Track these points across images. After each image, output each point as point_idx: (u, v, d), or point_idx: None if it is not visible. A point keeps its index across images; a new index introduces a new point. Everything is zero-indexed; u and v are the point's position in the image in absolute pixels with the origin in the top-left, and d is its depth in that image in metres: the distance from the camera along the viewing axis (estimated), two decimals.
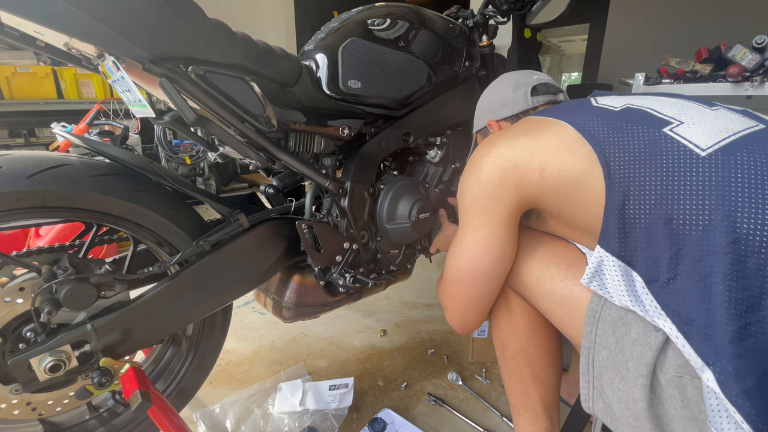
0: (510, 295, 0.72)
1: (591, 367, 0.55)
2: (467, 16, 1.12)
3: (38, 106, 2.96)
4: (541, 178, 0.56)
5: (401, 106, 0.96)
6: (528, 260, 0.66)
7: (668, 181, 0.45)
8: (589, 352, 0.54)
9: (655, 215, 0.45)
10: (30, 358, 0.64)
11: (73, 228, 1.50)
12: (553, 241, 0.66)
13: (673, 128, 0.49)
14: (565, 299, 0.59)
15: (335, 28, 0.88)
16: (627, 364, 0.50)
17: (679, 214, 0.44)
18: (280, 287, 0.96)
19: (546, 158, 0.56)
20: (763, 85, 1.54)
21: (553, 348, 0.73)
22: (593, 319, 0.55)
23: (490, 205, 0.62)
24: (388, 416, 1.01)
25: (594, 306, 0.55)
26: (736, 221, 0.40)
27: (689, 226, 0.43)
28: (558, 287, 0.61)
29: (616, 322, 0.52)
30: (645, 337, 0.49)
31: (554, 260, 0.63)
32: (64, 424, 0.78)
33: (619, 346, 0.51)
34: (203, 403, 1.07)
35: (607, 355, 0.53)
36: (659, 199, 0.45)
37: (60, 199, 0.63)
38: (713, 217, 0.41)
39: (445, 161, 1.10)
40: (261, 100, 0.70)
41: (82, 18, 0.53)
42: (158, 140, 2.79)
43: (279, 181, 1.01)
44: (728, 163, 0.43)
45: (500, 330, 0.75)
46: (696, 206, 0.43)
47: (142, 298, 0.72)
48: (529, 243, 0.67)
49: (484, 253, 0.64)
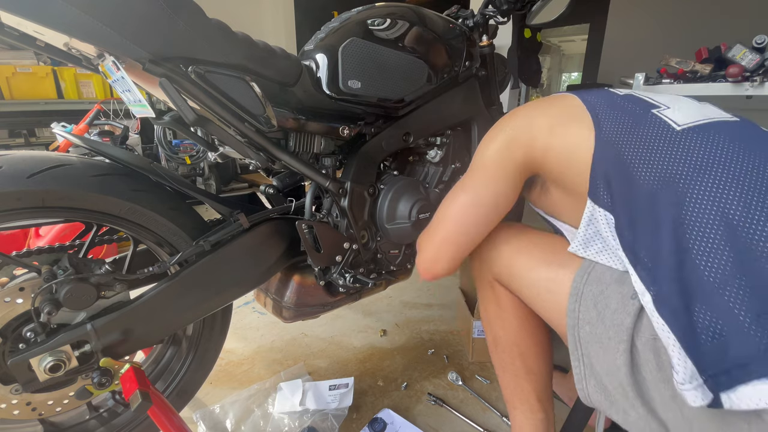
0: (498, 289, 0.74)
1: (578, 345, 0.57)
2: (467, 16, 1.12)
3: (38, 106, 2.96)
4: (548, 137, 0.62)
5: (401, 106, 0.96)
6: (512, 252, 0.69)
7: (646, 146, 0.54)
8: (574, 330, 0.57)
9: (631, 172, 0.53)
10: (30, 358, 0.64)
11: (73, 228, 1.50)
12: (533, 232, 0.71)
13: (660, 111, 0.58)
14: (551, 282, 0.62)
15: (335, 28, 0.88)
16: (608, 333, 0.53)
17: (648, 172, 0.52)
18: (280, 287, 0.96)
19: (554, 122, 0.63)
20: (763, 85, 1.54)
21: (543, 340, 0.76)
22: (576, 297, 0.57)
23: (497, 161, 0.67)
24: (388, 416, 1.01)
25: (576, 284, 0.58)
26: (687, 183, 0.49)
27: (656, 182, 0.51)
28: (543, 273, 0.64)
29: (597, 296, 0.55)
30: (623, 306, 0.52)
31: (537, 249, 0.67)
32: (64, 424, 0.78)
33: (600, 318, 0.54)
34: (203, 403, 1.07)
35: (590, 330, 0.55)
36: (637, 160, 0.54)
37: (60, 199, 0.63)
38: (672, 177, 0.50)
39: (445, 161, 1.10)
40: (261, 100, 0.70)
41: (82, 18, 0.53)
42: (158, 140, 2.79)
43: (279, 181, 1.01)
44: (694, 138, 0.52)
45: (491, 324, 0.78)
46: (662, 167, 0.51)
47: (142, 298, 0.72)
48: (511, 235, 0.71)
49: (479, 197, 0.68)
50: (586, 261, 0.60)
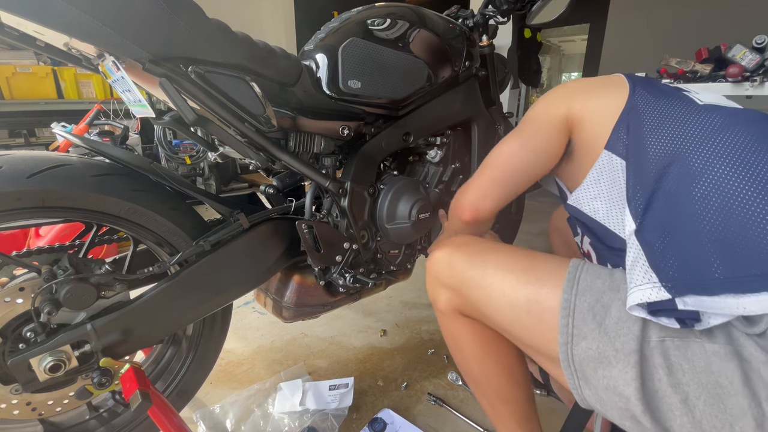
0: (459, 322, 0.70)
1: (571, 362, 0.53)
2: (467, 16, 1.12)
3: (38, 106, 2.96)
4: (587, 99, 0.69)
5: (401, 106, 0.96)
6: (483, 275, 0.63)
7: (669, 110, 0.60)
8: (567, 347, 0.53)
9: (651, 127, 0.59)
10: (30, 358, 0.64)
11: (73, 228, 1.50)
12: (505, 249, 0.65)
13: (689, 93, 0.65)
14: (531, 304, 0.56)
15: (335, 28, 0.88)
16: (615, 345, 0.49)
17: (664, 129, 0.58)
18: (280, 287, 0.96)
19: (595, 87, 0.70)
20: (763, 85, 1.54)
21: (512, 366, 0.72)
22: (568, 311, 0.53)
23: (544, 114, 0.72)
24: (388, 416, 1.01)
25: (567, 297, 0.54)
26: (691, 151, 0.54)
27: (670, 139, 0.57)
28: (522, 294, 0.58)
29: (594, 306, 0.52)
30: (627, 313, 0.50)
31: (510, 268, 0.61)
32: (64, 424, 0.78)
33: (602, 330, 0.51)
34: (203, 403, 1.07)
35: (588, 345, 0.51)
36: (658, 120, 0.60)
37: (60, 199, 0.63)
38: (686, 137, 0.55)
39: (445, 161, 1.10)
40: (261, 100, 0.70)
41: (82, 18, 0.53)
42: (158, 140, 2.79)
43: (279, 181, 1.01)
44: (713, 111, 0.58)
45: (457, 357, 0.75)
46: (679, 129, 0.57)
47: (142, 298, 0.72)
48: (481, 256, 0.65)
49: (526, 143, 0.72)
50: (570, 274, 0.56)
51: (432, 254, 0.72)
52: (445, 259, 0.68)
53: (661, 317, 0.47)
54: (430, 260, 0.72)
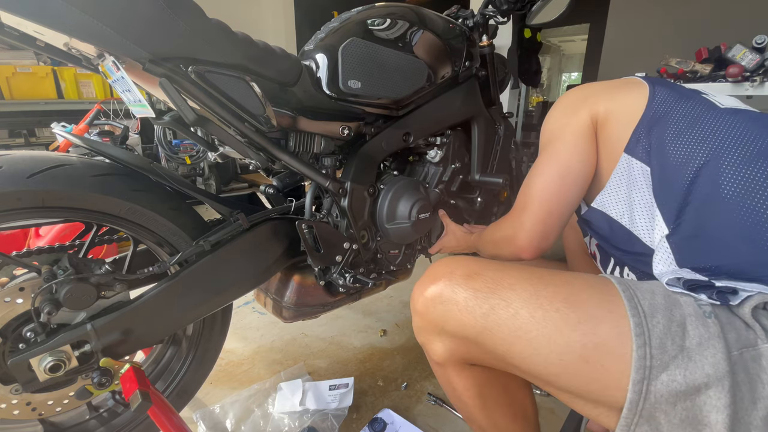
0: (461, 374, 0.59)
1: (642, 404, 0.43)
2: (467, 16, 1.12)
3: (38, 106, 2.96)
4: (609, 101, 0.67)
5: (401, 106, 0.96)
6: (512, 320, 0.48)
7: (691, 114, 0.59)
8: (642, 386, 0.42)
9: (673, 132, 0.59)
10: (30, 358, 0.64)
11: (73, 228, 1.50)
12: (525, 277, 0.51)
13: (708, 96, 0.64)
14: (589, 349, 0.44)
15: (335, 28, 0.88)
16: (704, 369, 0.41)
17: (688, 134, 0.57)
18: (280, 287, 0.96)
19: (614, 89, 0.69)
20: (763, 85, 1.54)
21: (527, 407, 0.65)
22: (643, 339, 0.43)
23: (566, 126, 0.69)
24: (388, 416, 1.01)
25: (638, 321, 0.44)
26: (720, 155, 0.54)
27: (693, 144, 0.56)
28: (574, 339, 0.45)
29: (669, 327, 0.43)
30: (705, 329, 0.43)
31: (546, 305, 0.47)
32: (64, 424, 0.78)
33: (686, 355, 0.42)
34: (203, 403, 1.07)
35: (670, 377, 0.42)
36: (681, 124, 0.59)
37: (60, 199, 0.63)
38: (709, 146, 0.55)
39: (445, 161, 1.10)
40: (261, 100, 0.70)
41: (82, 18, 0.53)
42: (158, 140, 2.79)
43: (279, 181, 1.01)
44: (734, 115, 0.57)
45: (461, 410, 0.66)
46: (702, 133, 0.57)
47: (142, 298, 0.72)
48: (499, 292, 0.50)
49: (562, 164, 0.69)
50: (625, 293, 0.47)
51: (421, 289, 0.56)
52: (444, 299, 0.53)
53: (701, 293, 0.45)
54: (418, 298, 0.56)
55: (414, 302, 0.57)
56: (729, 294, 0.44)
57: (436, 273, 0.55)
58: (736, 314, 0.45)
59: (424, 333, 0.58)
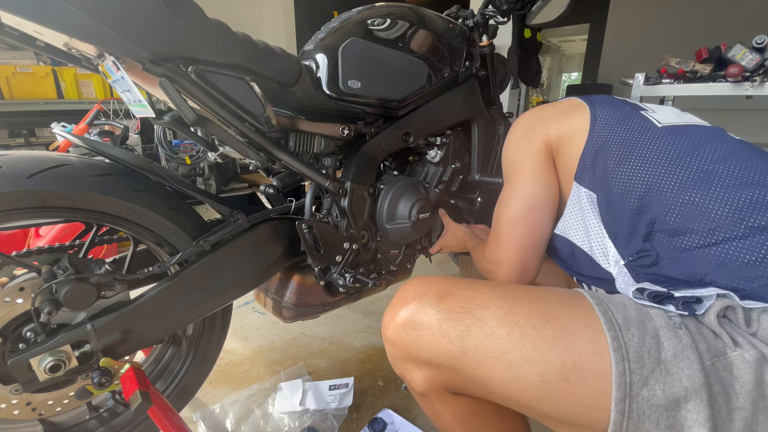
0: (446, 404, 0.56)
1: (626, 423, 0.42)
2: (467, 16, 1.12)
3: (38, 106, 2.96)
4: (558, 128, 0.68)
5: (401, 106, 0.96)
6: (488, 340, 0.46)
7: (630, 138, 0.61)
8: (624, 405, 0.41)
9: (615, 158, 0.60)
10: (30, 358, 0.64)
11: (73, 228, 1.50)
12: (498, 295, 0.50)
13: (647, 113, 0.65)
14: (569, 367, 0.43)
15: (335, 28, 0.88)
16: (682, 382, 0.40)
17: (629, 159, 0.59)
18: (280, 287, 0.96)
19: (561, 115, 0.69)
20: (763, 85, 1.54)
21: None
22: (621, 354, 0.42)
23: (524, 156, 0.71)
24: (388, 416, 1.01)
25: (614, 335, 0.43)
26: (661, 180, 0.55)
27: (634, 169, 0.58)
28: (553, 357, 0.44)
29: (644, 339, 0.43)
30: (678, 341, 0.42)
31: (522, 323, 0.46)
32: (64, 424, 0.78)
33: (663, 368, 0.41)
34: (203, 403, 1.07)
35: (650, 392, 0.41)
36: (621, 149, 0.60)
37: (60, 199, 0.63)
38: (648, 165, 0.57)
39: (445, 161, 1.10)
40: (261, 100, 0.70)
41: (82, 18, 0.53)
42: (158, 140, 2.79)
43: (279, 181, 1.01)
44: (671, 135, 0.59)
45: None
46: (641, 156, 0.58)
47: (142, 298, 0.72)
48: (473, 312, 0.49)
49: (527, 195, 0.70)
50: (598, 307, 0.46)
51: (392, 314, 0.53)
52: (416, 323, 0.50)
53: (668, 305, 0.46)
54: (389, 324, 0.53)
55: (385, 329, 0.54)
56: (694, 304, 0.45)
57: (406, 296, 0.52)
58: (703, 323, 0.45)
59: (399, 362, 0.55)
